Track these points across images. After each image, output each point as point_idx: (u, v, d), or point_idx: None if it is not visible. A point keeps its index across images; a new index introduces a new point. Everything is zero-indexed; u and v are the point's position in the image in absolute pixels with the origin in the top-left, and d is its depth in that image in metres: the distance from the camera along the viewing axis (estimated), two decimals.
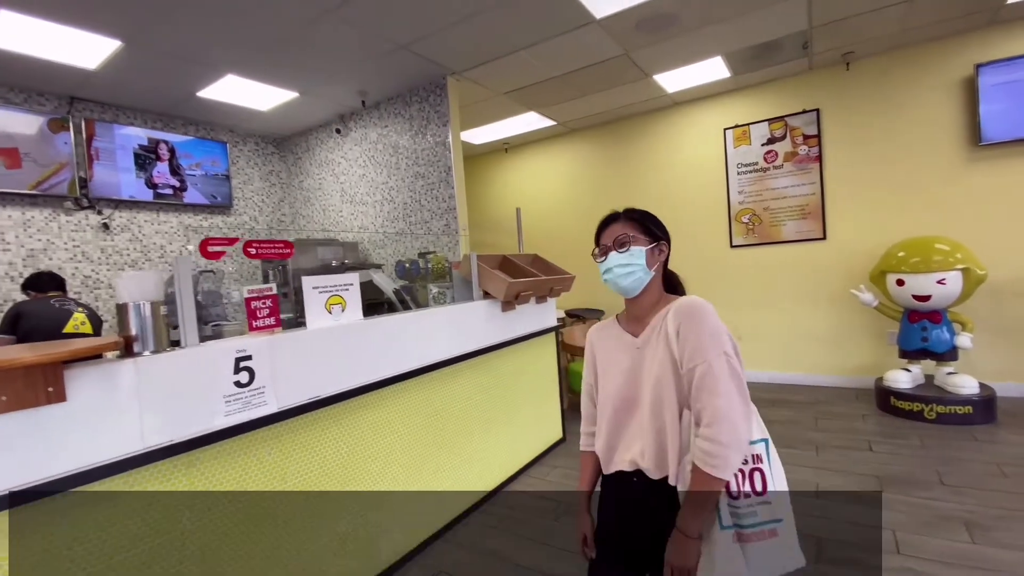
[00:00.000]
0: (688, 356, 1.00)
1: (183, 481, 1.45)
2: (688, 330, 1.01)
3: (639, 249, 1.14)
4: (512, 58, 3.41)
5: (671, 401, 1.03)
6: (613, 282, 1.15)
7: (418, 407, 2.24)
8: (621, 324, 1.22)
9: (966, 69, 3.56)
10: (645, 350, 1.10)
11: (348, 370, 1.91)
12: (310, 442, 1.80)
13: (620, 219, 1.19)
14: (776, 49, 3.67)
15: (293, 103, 3.95)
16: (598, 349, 1.25)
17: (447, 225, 3.71)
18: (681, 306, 1.06)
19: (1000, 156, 3.53)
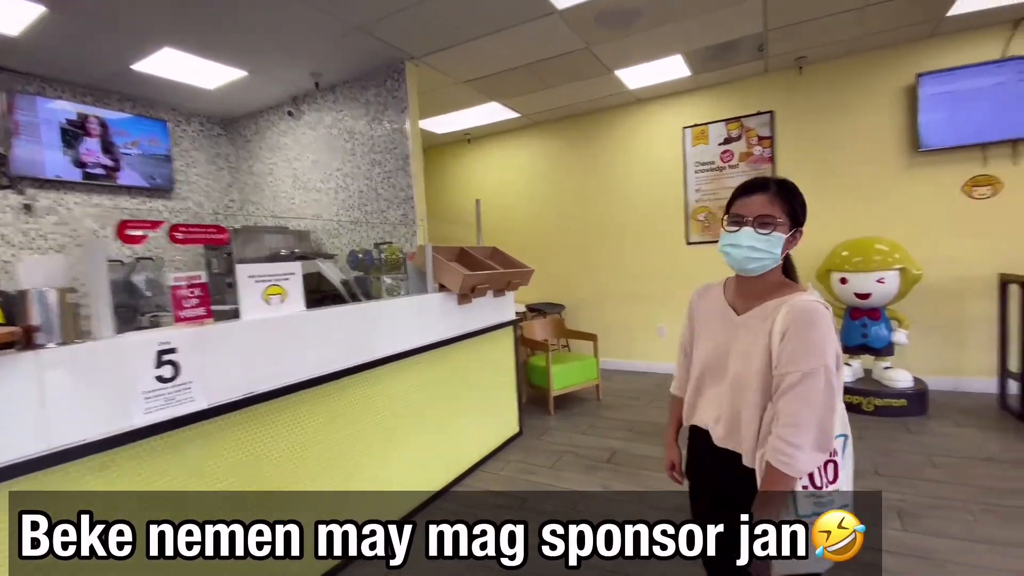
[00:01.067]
0: (784, 361, 0.99)
1: (95, 483, 1.33)
2: (794, 336, 0.99)
3: (779, 237, 1.04)
4: (472, 45, 3.33)
5: (755, 391, 1.04)
6: (736, 260, 1.08)
7: (366, 402, 2.15)
8: (725, 293, 1.19)
9: (909, 78, 3.72)
10: (742, 331, 1.10)
11: (289, 364, 1.81)
12: (246, 440, 1.69)
13: (770, 191, 1.07)
14: (733, 50, 3.74)
15: (241, 82, 3.74)
16: (698, 309, 1.25)
17: (404, 215, 3.61)
18: (796, 311, 1.01)
19: (936, 162, 3.72)
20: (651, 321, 4.92)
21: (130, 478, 1.40)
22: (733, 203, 1.11)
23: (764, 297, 1.10)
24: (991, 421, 3.14)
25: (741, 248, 1.06)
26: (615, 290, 5.09)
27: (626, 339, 5.04)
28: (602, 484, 2.65)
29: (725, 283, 1.23)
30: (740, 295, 1.15)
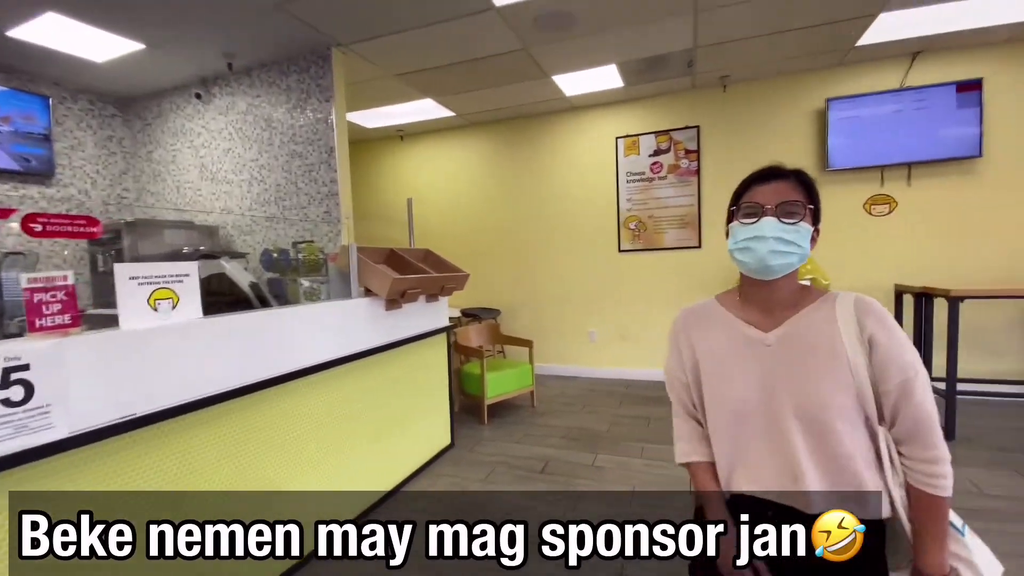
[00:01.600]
0: (896, 368, 0.84)
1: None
2: (885, 339, 0.85)
3: (807, 227, 0.90)
4: (405, 36, 3.16)
5: (844, 420, 0.85)
6: (758, 257, 0.89)
7: (273, 421, 1.92)
8: (732, 310, 0.99)
9: (820, 102, 4.00)
10: (784, 350, 0.90)
11: (180, 381, 1.56)
12: (123, 473, 1.42)
13: (790, 177, 0.92)
14: (664, 64, 3.83)
15: (139, 57, 3.31)
16: (697, 340, 1.01)
17: (327, 212, 3.35)
18: (865, 307, 0.89)
19: (842, 181, 4.03)
20: (583, 326, 4.95)
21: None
22: (745, 192, 0.95)
23: (797, 305, 0.94)
24: None
25: (766, 240, 0.88)
26: (549, 295, 5.08)
27: (560, 344, 5.04)
28: (533, 498, 2.57)
29: (720, 299, 1.04)
30: (759, 307, 0.97)
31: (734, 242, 0.93)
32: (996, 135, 3.63)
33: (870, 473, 0.87)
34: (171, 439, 1.56)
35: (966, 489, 2.42)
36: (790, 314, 0.93)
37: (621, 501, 2.47)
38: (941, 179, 3.79)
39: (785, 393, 0.89)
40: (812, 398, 0.87)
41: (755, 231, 0.90)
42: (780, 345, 0.92)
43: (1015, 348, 3.72)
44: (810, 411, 0.87)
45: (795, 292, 0.96)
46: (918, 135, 3.73)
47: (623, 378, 4.74)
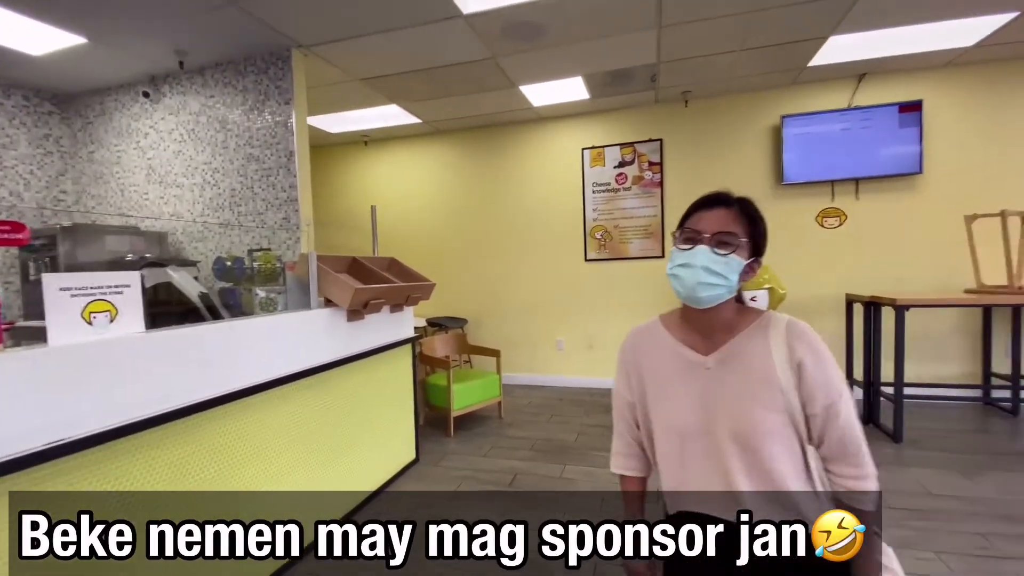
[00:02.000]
0: (822, 392, 0.88)
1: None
2: (814, 364, 0.89)
3: (738, 261, 0.91)
4: (370, 40, 3.08)
5: (775, 439, 0.89)
6: (688, 285, 0.91)
7: (227, 441, 1.79)
8: (674, 333, 1.02)
9: (775, 118, 4.16)
10: (722, 373, 0.94)
11: (118, 401, 1.43)
12: (57, 498, 1.28)
13: (732, 206, 0.94)
14: (629, 78, 3.90)
15: (81, 51, 3.10)
16: (643, 359, 1.04)
17: (286, 219, 3.21)
18: (798, 332, 0.92)
19: (796, 195, 4.19)
20: (551, 335, 4.94)
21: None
22: (688, 217, 0.97)
23: (733, 328, 0.96)
24: None
25: (694, 270, 0.90)
26: (517, 304, 5.05)
27: (527, 353, 5.01)
28: (500, 514, 2.50)
29: (663, 320, 1.06)
30: (697, 331, 0.99)
31: (670, 266, 0.96)
32: (935, 153, 3.86)
33: (800, 484, 0.92)
34: (105, 466, 1.42)
35: (914, 490, 2.52)
36: (727, 338, 0.96)
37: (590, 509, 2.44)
38: (886, 194, 4.00)
39: (722, 415, 0.92)
40: (746, 421, 0.90)
41: (687, 258, 0.92)
42: (718, 368, 0.95)
43: (956, 353, 3.95)
44: (744, 433, 0.90)
45: (731, 317, 0.98)
46: (865, 152, 3.93)
47: (590, 387, 4.75)
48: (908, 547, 2.05)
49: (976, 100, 3.80)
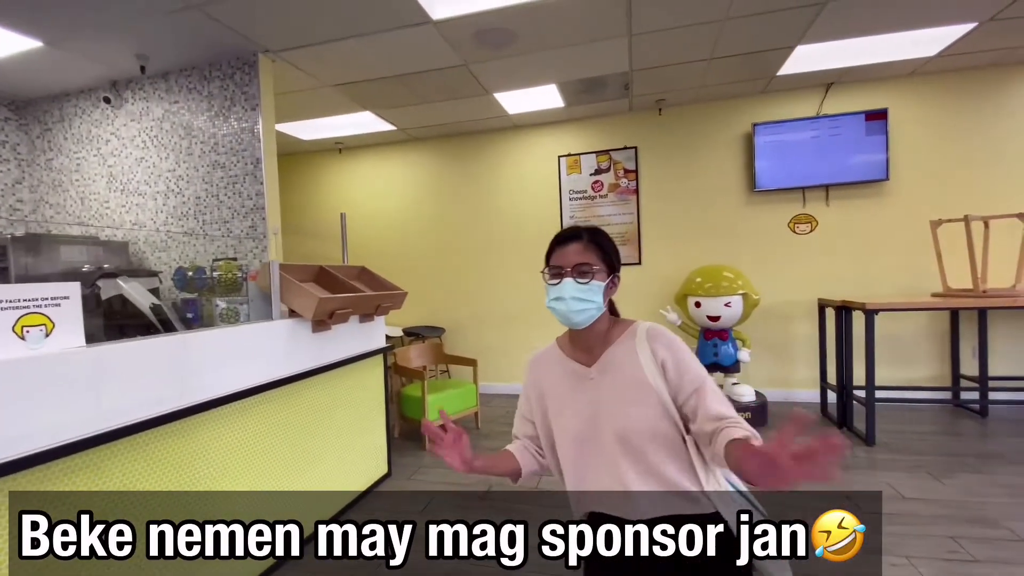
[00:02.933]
0: (686, 384, 1.00)
1: None
2: (675, 359, 1.02)
3: (599, 284, 1.05)
4: (339, 46, 3.04)
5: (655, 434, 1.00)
6: (564, 314, 1.05)
7: (178, 459, 1.71)
8: (565, 351, 1.15)
9: (747, 126, 4.22)
10: (602, 380, 1.06)
11: (52, 420, 1.34)
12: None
13: (583, 240, 1.07)
14: (602, 86, 3.92)
15: (37, 55, 2.99)
16: (543, 379, 1.16)
17: (253, 227, 3.13)
18: (657, 336, 1.05)
19: (768, 201, 4.24)
20: (528, 343, 4.90)
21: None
22: (551, 255, 1.10)
23: (608, 340, 1.10)
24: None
25: (566, 301, 1.03)
26: (495, 312, 5.00)
27: (505, 361, 4.96)
28: None
29: (558, 343, 1.20)
30: (581, 347, 1.12)
31: (547, 301, 1.08)
32: (900, 160, 3.95)
33: (686, 477, 1.01)
34: (42, 486, 1.33)
35: (887, 494, 2.53)
36: (604, 349, 1.09)
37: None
38: (854, 200, 4.07)
39: (606, 418, 1.04)
40: (626, 423, 1.02)
41: (558, 292, 1.04)
42: (600, 377, 1.07)
43: (926, 356, 4.01)
44: (625, 432, 1.01)
45: (606, 330, 1.10)
46: (834, 159, 4.00)
47: None
48: (877, 552, 2.04)
49: (939, 108, 3.90)
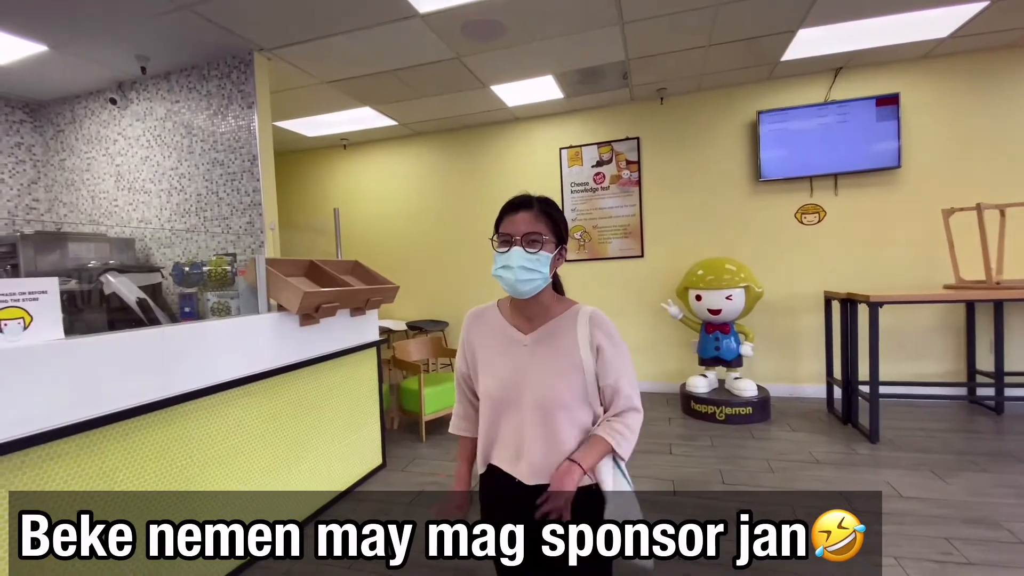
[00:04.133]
0: (612, 371, 1.07)
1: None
2: (609, 346, 1.07)
3: (547, 256, 1.05)
4: (330, 42, 3.06)
5: (571, 409, 1.05)
6: (511, 283, 1.05)
7: (161, 447, 1.76)
8: (505, 315, 1.16)
9: (751, 115, 4.11)
10: (536, 349, 1.08)
11: (30, 409, 1.40)
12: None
13: (534, 209, 1.06)
14: (600, 76, 3.86)
15: (44, 59, 3.10)
16: (476, 336, 1.18)
17: (250, 223, 3.19)
18: (598, 321, 1.09)
19: (774, 191, 4.13)
20: None
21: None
22: (501, 222, 1.09)
23: (550, 314, 1.11)
24: (820, 424, 3.47)
25: (513, 271, 1.03)
26: None
27: None
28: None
29: (499, 305, 1.20)
30: (522, 315, 1.13)
31: (494, 268, 1.07)
32: (913, 147, 3.79)
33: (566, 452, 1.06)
34: (18, 475, 1.40)
35: (885, 492, 2.46)
36: (544, 321, 1.11)
37: None
38: (864, 189, 3.93)
39: (530, 387, 1.06)
40: (548, 392, 1.05)
41: (506, 260, 1.04)
42: (533, 345, 1.09)
43: (940, 351, 3.87)
44: (545, 403, 1.05)
45: (548, 304, 1.12)
46: (842, 147, 3.87)
47: None
48: (867, 552, 1.98)
49: (953, 92, 3.73)
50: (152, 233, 3.47)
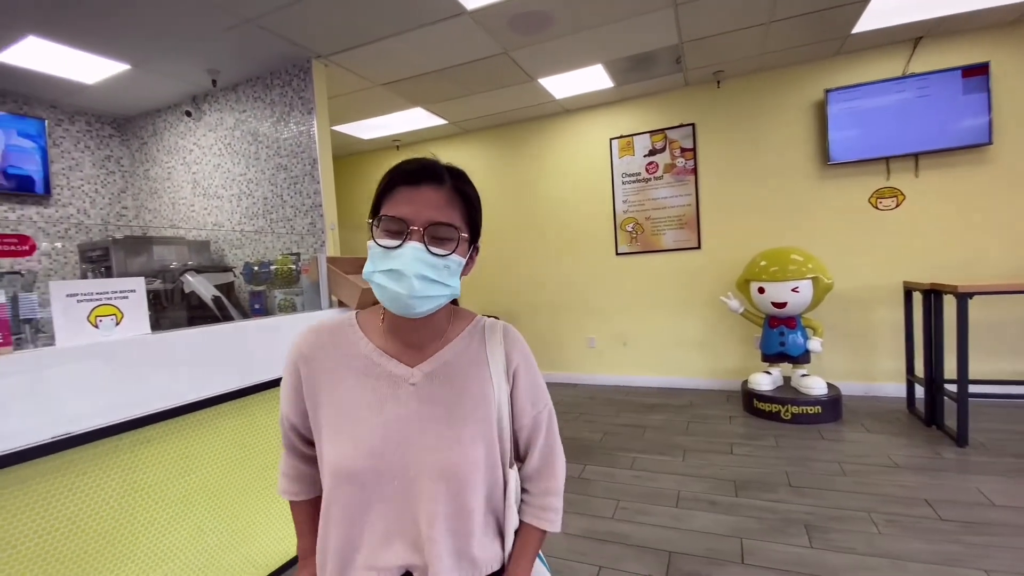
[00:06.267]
0: (532, 401, 0.82)
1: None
2: (528, 371, 0.81)
3: (458, 261, 0.71)
4: (382, 45, 3.15)
5: (489, 471, 0.74)
6: (397, 297, 0.67)
7: (232, 438, 1.89)
8: (372, 337, 0.77)
9: (818, 93, 3.85)
10: (428, 389, 0.73)
11: (123, 397, 1.54)
12: (58, 494, 1.41)
13: (446, 184, 0.72)
14: (652, 62, 3.74)
15: (127, 77, 3.38)
16: (323, 376, 0.75)
17: (312, 224, 3.35)
18: (514, 338, 0.82)
19: (845, 175, 3.86)
20: (581, 332, 4.85)
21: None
22: (387, 196, 0.72)
23: (445, 334, 0.78)
24: (899, 426, 3.22)
25: (405, 278, 0.66)
26: (547, 301, 4.99)
27: (556, 350, 4.95)
28: None
29: (360, 320, 0.80)
30: (402, 340, 0.76)
31: (369, 269, 0.70)
32: (1006, 121, 3.42)
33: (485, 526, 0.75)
34: (115, 457, 1.54)
35: (974, 500, 2.25)
36: (438, 346, 0.77)
37: (604, 509, 2.37)
38: (950, 169, 3.59)
39: (428, 447, 0.70)
40: (457, 450, 0.70)
41: (395, 262, 0.67)
42: (426, 384, 0.73)
43: None
44: (454, 467, 0.70)
45: (443, 322, 0.79)
46: (924, 124, 3.55)
47: (624, 385, 4.62)
48: (953, 563, 1.83)
49: None
50: (224, 235, 3.72)
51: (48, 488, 1.38)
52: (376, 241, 0.70)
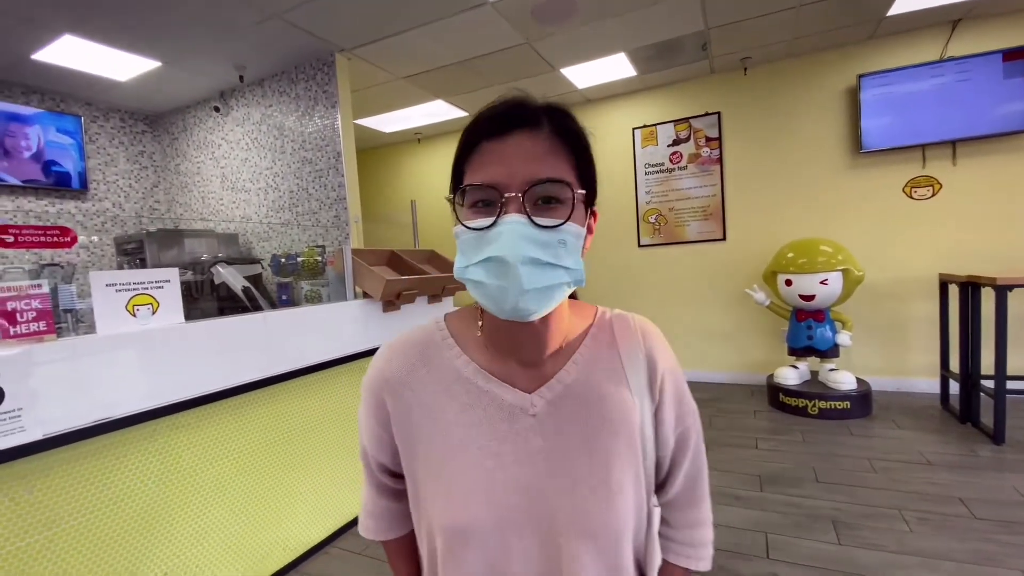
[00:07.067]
0: (679, 415, 0.61)
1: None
2: (675, 378, 0.61)
3: (576, 230, 0.51)
4: (404, 38, 3.16)
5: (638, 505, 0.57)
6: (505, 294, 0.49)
7: (262, 424, 1.95)
8: (473, 356, 0.59)
9: (850, 79, 3.72)
10: (559, 421, 0.55)
11: (159, 384, 1.60)
12: (99, 476, 1.47)
13: (543, 129, 0.52)
14: (677, 49, 3.67)
15: (158, 74, 3.46)
16: (412, 405, 0.58)
17: (337, 216, 3.40)
18: (650, 335, 0.62)
19: (878, 163, 3.73)
20: None
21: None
22: (469, 157, 0.54)
23: (565, 339, 0.60)
24: (932, 422, 3.13)
25: (511, 271, 0.47)
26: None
27: None
28: None
29: (451, 327, 0.62)
30: (509, 350, 0.58)
31: (462, 263, 0.52)
32: None
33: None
34: (152, 441, 1.60)
35: (1011, 499, 2.17)
36: (560, 360, 0.58)
37: None
38: (990, 157, 3.44)
39: (561, 494, 0.53)
40: (603, 496, 0.53)
41: (491, 246, 0.48)
42: (552, 413, 0.55)
43: None
44: (600, 520, 0.53)
45: (562, 322, 0.59)
46: (962, 110, 3.40)
47: None
48: (988, 563, 1.78)
49: None
50: (252, 228, 3.80)
51: (90, 469, 1.45)
52: (464, 223, 0.50)
